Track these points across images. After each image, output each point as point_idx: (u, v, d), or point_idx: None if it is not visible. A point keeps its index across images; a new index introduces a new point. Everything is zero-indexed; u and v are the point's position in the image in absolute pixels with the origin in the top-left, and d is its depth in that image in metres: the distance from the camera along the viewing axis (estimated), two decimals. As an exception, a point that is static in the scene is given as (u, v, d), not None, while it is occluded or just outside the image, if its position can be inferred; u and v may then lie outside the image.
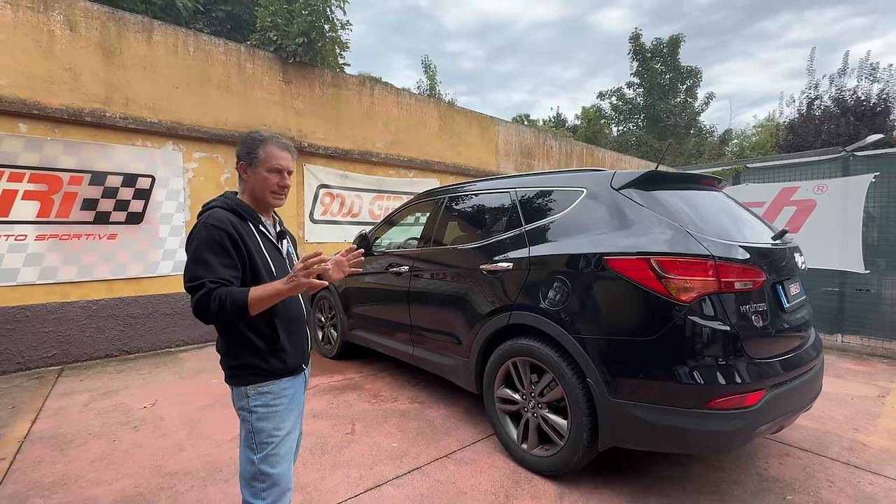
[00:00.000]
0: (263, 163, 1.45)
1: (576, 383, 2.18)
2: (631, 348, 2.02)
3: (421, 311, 3.29)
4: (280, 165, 1.47)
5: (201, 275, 1.27)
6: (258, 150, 1.45)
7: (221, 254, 1.31)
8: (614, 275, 2.08)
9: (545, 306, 2.33)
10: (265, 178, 1.46)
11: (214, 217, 1.35)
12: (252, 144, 1.46)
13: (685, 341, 1.91)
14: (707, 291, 1.91)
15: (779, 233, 2.42)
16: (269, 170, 1.45)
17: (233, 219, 1.38)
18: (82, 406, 3.34)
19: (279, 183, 1.48)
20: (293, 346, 1.46)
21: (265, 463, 1.37)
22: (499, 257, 2.66)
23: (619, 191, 2.31)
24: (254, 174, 1.46)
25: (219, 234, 1.31)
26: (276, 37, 5.62)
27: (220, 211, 1.39)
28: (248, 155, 1.46)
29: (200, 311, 1.25)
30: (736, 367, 1.89)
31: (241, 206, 1.45)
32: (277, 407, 1.40)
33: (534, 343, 2.39)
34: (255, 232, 1.43)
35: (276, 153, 1.46)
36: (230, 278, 1.31)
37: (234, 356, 1.40)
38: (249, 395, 1.38)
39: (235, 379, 1.40)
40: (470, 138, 8.24)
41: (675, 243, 2.00)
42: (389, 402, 3.45)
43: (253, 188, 1.47)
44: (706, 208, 2.34)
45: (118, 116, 4.58)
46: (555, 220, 2.50)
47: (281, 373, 1.42)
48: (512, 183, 2.91)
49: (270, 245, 1.48)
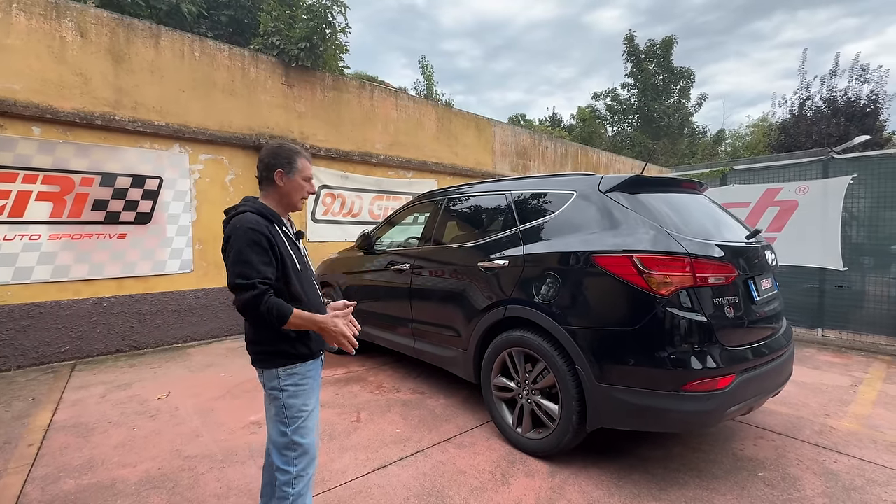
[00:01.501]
0: (300, 171, 1.65)
1: (566, 371, 2.38)
2: (616, 338, 2.21)
3: (421, 307, 3.48)
4: (311, 174, 1.71)
5: (250, 274, 1.42)
6: (296, 160, 1.64)
7: (262, 253, 1.46)
8: (601, 271, 2.28)
9: (538, 300, 2.52)
10: (301, 186, 1.66)
11: (251, 220, 1.49)
12: (291, 154, 1.64)
13: (664, 330, 2.11)
14: (683, 286, 2.11)
15: (752, 232, 2.63)
16: (305, 178, 1.67)
17: (263, 221, 1.52)
18: (99, 398, 3.51)
19: (310, 189, 1.70)
20: (317, 334, 1.64)
21: (297, 434, 1.56)
22: (495, 255, 2.85)
23: (607, 194, 2.50)
24: (290, 181, 1.63)
25: (257, 236, 1.46)
26: (279, 41, 5.78)
27: (252, 215, 1.52)
28: (288, 164, 1.63)
29: (248, 308, 1.41)
30: (709, 353, 2.09)
31: (267, 208, 1.60)
32: (305, 386, 1.59)
33: (528, 334, 2.59)
34: (280, 233, 1.58)
35: (308, 164, 1.69)
36: (271, 276, 1.47)
37: (265, 342, 1.57)
38: (280, 376, 1.56)
39: (267, 362, 1.58)
40: (467, 139, 8.43)
41: (656, 242, 2.20)
42: (392, 393, 3.64)
43: (288, 193, 1.64)
44: (687, 210, 2.54)
45: (127, 119, 4.73)
46: (547, 221, 2.69)
47: (307, 356, 1.61)
48: (507, 185, 3.10)
49: (293, 244, 1.65)
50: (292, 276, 1.56)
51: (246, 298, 1.40)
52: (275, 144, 1.67)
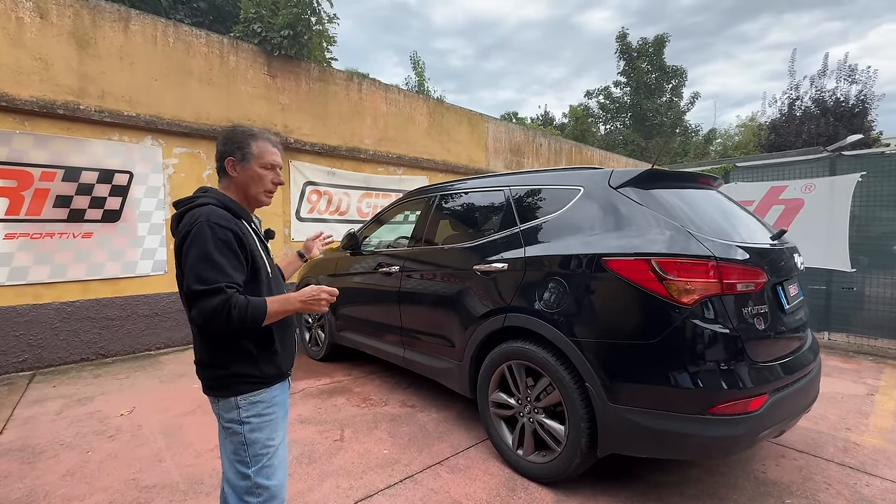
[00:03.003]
0: (257, 158, 1.36)
1: (574, 388, 2.11)
2: (630, 352, 1.95)
3: (412, 313, 3.19)
4: (274, 161, 1.40)
5: (215, 278, 1.16)
6: (250, 145, 1.36)
7: (230, 255, 1.22)
8: (613, 276, 2.02)
9: (541, 308, 2.26)
10: (260, 176, 1.37)
11: (217, 215, 1.24)
12: (243, 139, 1.36)
13: (686, 345, 1.86)
14: (708, 293, 1.86)
15: (777, 232, 2.39)
16: (264, 166, 1.38)
17: (231, 218, 1.28)
18: (54, 414, 3.17)
19: (274, 180, 1.40)
20: (286, 349, 1.39)
21: (261, 475, 1.28)
22: (493, 257, 2.58)
23: (617, 189, 2.24)
24: (245, 171, 1.36)
25: (225, 234, 1.21)
26: (261, 29, 5.44)
27: (216, 209, 1.26)
28: (238, 150, 1.36)
29: (215, 317, 1.14)
30: (738, 371, 1.84)
31: (233, 202, 1.34)
32: (271, 415, 1.32)
33: (530, 346, 2.32)
34: (248, 229, 1.34)
35: (269, 148, 1.39)
36: (239, 280, 1.22)
37: (220, 365, 1.28)
38: (241, 406, 1.28)
39: (223, 390, 1.29)
40: (459, 135, 8.15)
41: (676, 244, 1.95)
42: (379, 406, 3.35)
43: (246, 185, 1.37)
44: (704, 208, 2.29)
45: (93, 109, 4.37)
46: (550, 220, 2.42)
47: (274, 378, 1.34)
48: (506, 181, 2.83)
49: (262, 243, 1.41)
50: (264, 283, 1.33)
51: (213, 306, 1.14)
52: (227, 128, 1.41)
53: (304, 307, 1.27)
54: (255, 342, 1.29)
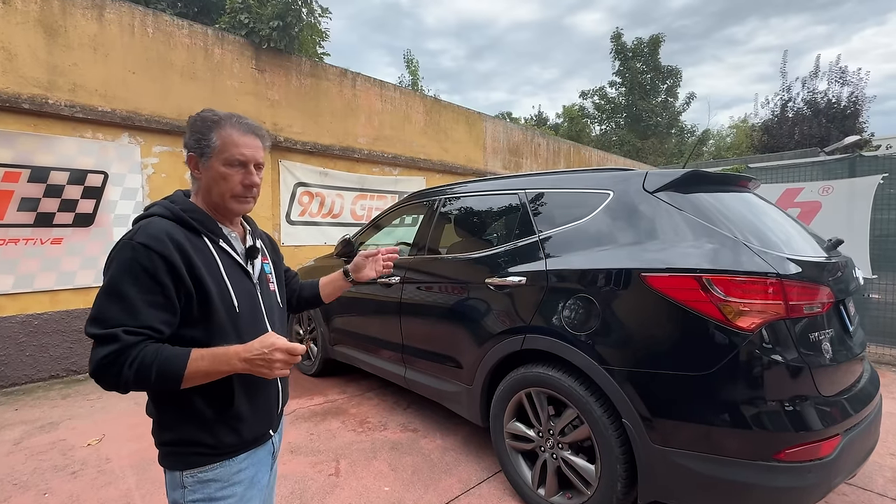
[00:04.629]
0: (219, 153, 1.03)
1: (608, 424, 1.83)
2: (678, 385, 1.67)
3: (415, 329, 2.89)
4: (243, 156, 1.04)
5: (114, 319, 0.87)
6: (210, 135, 1.03)
7: (149, 288, 0.90)
8: (655, 295, 1.74)
9: (568, 330, 1.97)
10: (223, 176, 1.03)
11: (147, 232, 0.93)
12: (202, 128, 1.04)
13: (746, 378, 1.58)
14: (773, 317, 1.58)
15: (834, 242, 2.13)
16: (228, 162, 1.03)
17: (177, 233, 0.97)
18: (12, 445, 2.82)
19: (243, 181, 1.05)
20: (255, 408, 1.04)
21: None
22: (508, 270, 2.29)
23: (654, 194, 1.96)
24: (207, 170, 1.04)
25: (148, 258, 0.90)
26: (248, 19, 5.11)
27: (160, 221, 0.97)
28: (197, 143, 1.04)
29: (102, 373, 0.86)
30: (808, 408, 1.57)
31: (194, 212, 1.03)
32: (226, 500, 0.99)
33: (553, 373, 2.03)
34: (211, 250, 1.02)
35: (236, 138, 1.04)
36: (159, 326, 0.90)
37: (164, 424, 0.99)
38: (186, 485, 0.97)
39: (167, 458, 0.99)
40: (457, 135, 7.86)
41: (730, 258, 1.67)
42: (378, 431, 3.04)
43: (208, 189, 1.05)
44: (750, 214, 2.01)
45: (63, 104, 4.01)
46: (575, 228, 2.14)
47: (234, 449, 1.01)
48: (520, 183, 2.54)
49: (235, 267, 1.06)
50: (223, 321, 0.98)
51: (99, 359, 0.85)
52: (192, 116, 1.08)
53: (249, 369, 0.91)
54: (208, 399, 0.97)
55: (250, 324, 1.04)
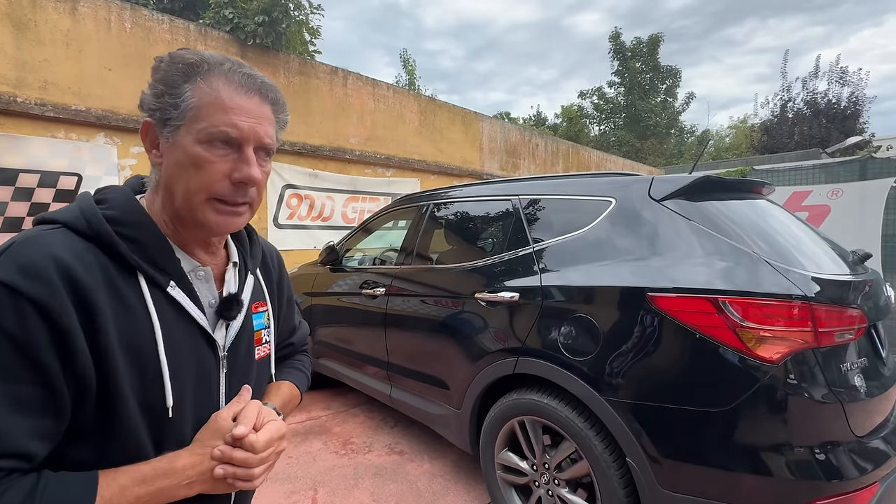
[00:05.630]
0: (193, 119, 0.60)
1: (610, 462, 1.62)
2: (690, 422, 1.47)
3: (400, 346, 2.68)
4: (236, 128, 0.61)
5: None
6: (183, 86, 0.60)
7: (13, 372, 0.51)
8: (663, 318, 1.53)
9: (565, 354, 1.76)
10: (195, 161, 0.60)
11: (18, 260, 0.52)
12: (170, 75, 0.61)
13: (770, 417, 1.38)
14: (800, 346, 1.37)
15: (861, 256, 1.92)
16: (207, 137, 0.60)
17: (81, 265, 0.55)
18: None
19: (232, 173, 0.62)
20: None
21: None
22: (500, 285, 2.08)
23: (662, 202, 1.76)
24: (171, 148, 0.62)
25: (14, 313, 0.50)
26: (233, 14, 4.90)
27: (57, 238, 0.55)
28: (157, 100, 0.61)
29: None
30: (842, 451, 1.36)
31: (131, 226, 0.61)
32: None
33: (548, 401, 1.82)
34: (147, 302, 0.60)
35: (227, 97, 0.61)
36: (29, 446, 0.51)
37: None
38: None
39: None
40: (453, 135, 7.65)
41: (750, 277, 1.46)
42: (362, 454, 2.83)
43: (169, 183, 0.63)
44: (768, 225, 1.81)
45: (33, 102, 3.80)
46: (573, 239, 1.93)
47: None
48: (514, 188, 2.33)
49: (187, 328, 0.65)
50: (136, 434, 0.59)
51: None
52: (158, 59, 0.63)
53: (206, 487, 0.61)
54: None
55: (190, 434, 0.64)
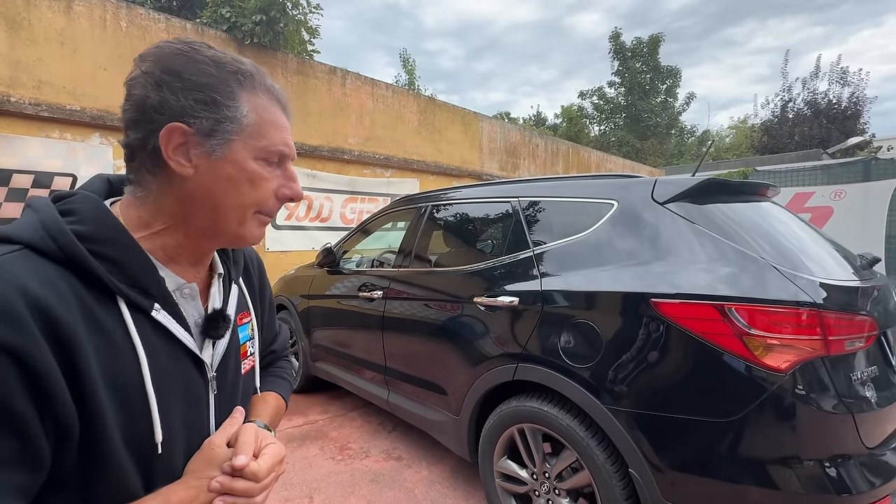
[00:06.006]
0: (252, 136, 0.57)
1: (612, 472, 1.58)
2: (695, 432, 1.42)
3: (398, 350, 2.64)
4: (288, 146, 0.62)
5: None
6: (237, 96, 0.56)
7: None
8: (666, 324, 1.49)
9: (565, 361, 1.72)
10: (252, 178, 0.58)
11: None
12: (215, 80, 0.55)
13: (779, 427, 1.33)
14: (808, 355, 1.33)
15: (870, 260, 1.88)
16: (265, 154, 0.59)
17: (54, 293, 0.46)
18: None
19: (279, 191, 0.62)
20: None
21: None
22: (499, 289, 2.03)
23: (664, 205, 1.71)
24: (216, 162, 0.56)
25: None
26: (230, 13, 4.85)
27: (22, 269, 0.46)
28: (209, 107, 0.54)
29: None
30: (853, 464, 1.32)
31: (110, 244, 0.52)
32: None
33: (549, 409, 1.78)
34: (129, 329, 0.53)
35: (278, 113, 0.61)
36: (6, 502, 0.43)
37: None
38: None
39: None
40: (452, 135, 7.61)
41: (757, 283, 1.42)
42: (359, 460, 2.79)
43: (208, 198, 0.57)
44: (774, 228, 1.76)
45: (27, 102, 3.75)
46: (573, 243, 1.88)
47: None
48: (513, 190, 2.28)
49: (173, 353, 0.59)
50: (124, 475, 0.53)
51: None
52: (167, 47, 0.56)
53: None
54: None
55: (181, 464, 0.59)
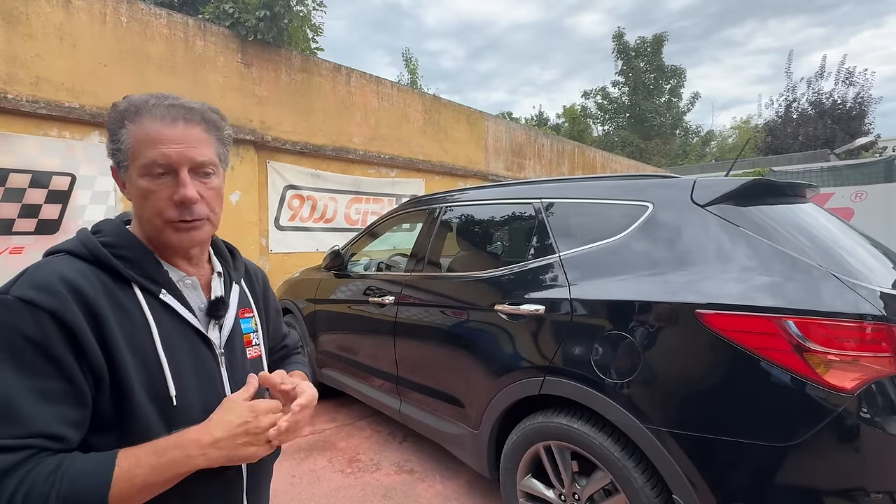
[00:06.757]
0: (134, 158, 0.71)
1: (651, 498, 1.45)
2: (750, 458, 1.30)
3: (410, 358, 2.51)
4: (164, 157, 0.70)
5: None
6: (121, 132, 0.71)
7: (37, 368, 0.59)
8: (715, 338, 1.36)
9: (599, 375, 1.59)
10: (143, 193, 0.71)
11: (33, 281, 0.63)
12: (112, 124, 0.73)
13: (846, 454, 1.21)
14: (878, 374, 1.21)
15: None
16: (146, 171, 0.70)
17: (86, 281, 0.65)
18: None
19: (173, 195, 0.71)
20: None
21: None
22: (522, 296, 1.91)
23: (706, 208, 1.59)
24: (130, 186, 0.74)
25: (34, 322, 0.59)
26: (233, 9, 4.72)
27: (63, 262, 0.67)
28: (112, 145, 0.73)
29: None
30: (927, 496, 1.19)
31: (122, 248, 0.72)
32: None
33: (579, 426, 1.65)
34: (142, 307, 0.70)
35: (154, 131, 0.70)
36: (58, 429, 0.59)
37: None
38: None
39: None
40: (457, 134, 7.49)
41: (817, 293, 1.29)
42: (369, 473, 2.66)
43: (139, 213, 0.75)
44: (823, 232, 1.64)
45: (24, 99, 3.63)
46: (604, 247, 1.76)
47: None
48: (536, 191, 2.16)
49: (184, 333, 0.74)
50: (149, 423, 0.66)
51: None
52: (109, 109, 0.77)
53: (223, 457, 0.64)
54: None
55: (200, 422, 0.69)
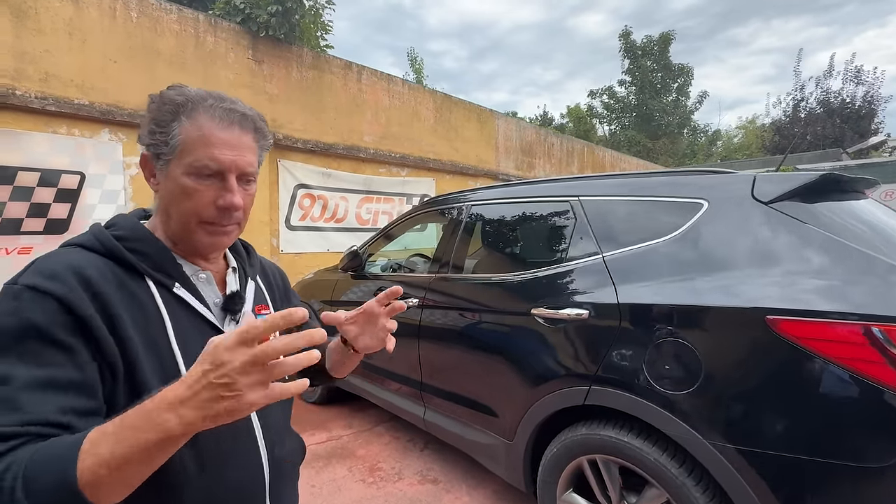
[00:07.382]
0: (182, 154, 0.66)
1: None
2: (834, 480, 1.18)
3: (437, 364, 2.40)
4: (218, 161, 0.66)
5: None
6: (172, 125, 0.66)
7: (42, 356, 0.55)
8: (790, 347, 1.25)
9: (655, 386, 1.48)
10: (185, 190, 0.67)
11: (41, 269, 0.59)
12: (161, 113, 0.67)
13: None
14: (983, 388, 1.09)
15: None
16: (194, 170, 0.66)
17: (96, 270, 0.62)
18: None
19: (217, 200, 0.68)
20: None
21: None
22: (563, 299, 1.80)
23: (770, 205, 1.47)
24: (165, 179, 0.69)
25: (40, 308, 0.56)
26: (244, 5, 4.63)
27: (73, 254, 0.64)
28: (151, 137, 0.67)
29: None
30: None
31: (135, 241, 0.68)
32: None
33: (630, 440, 1.54)
34: (156, 299, 0.66)
35: (210, 132, 0.66)
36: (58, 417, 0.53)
37: None
38: None
39: None
40: (468, 133, 7.37)
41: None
42: (391, 482, 2.55)
43: (166, 208, 0.70)
44: (889, 231, 1.52)
45: (33, 95, 3.54)
46: (656, 247, 1.64)
47: None
48: (573, 188, 2.04)
49: (199, 327, 0.69)
50: None
51: None
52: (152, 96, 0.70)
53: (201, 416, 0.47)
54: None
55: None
